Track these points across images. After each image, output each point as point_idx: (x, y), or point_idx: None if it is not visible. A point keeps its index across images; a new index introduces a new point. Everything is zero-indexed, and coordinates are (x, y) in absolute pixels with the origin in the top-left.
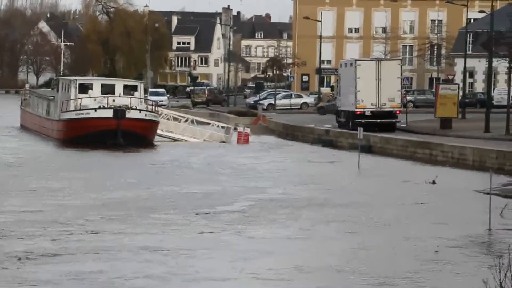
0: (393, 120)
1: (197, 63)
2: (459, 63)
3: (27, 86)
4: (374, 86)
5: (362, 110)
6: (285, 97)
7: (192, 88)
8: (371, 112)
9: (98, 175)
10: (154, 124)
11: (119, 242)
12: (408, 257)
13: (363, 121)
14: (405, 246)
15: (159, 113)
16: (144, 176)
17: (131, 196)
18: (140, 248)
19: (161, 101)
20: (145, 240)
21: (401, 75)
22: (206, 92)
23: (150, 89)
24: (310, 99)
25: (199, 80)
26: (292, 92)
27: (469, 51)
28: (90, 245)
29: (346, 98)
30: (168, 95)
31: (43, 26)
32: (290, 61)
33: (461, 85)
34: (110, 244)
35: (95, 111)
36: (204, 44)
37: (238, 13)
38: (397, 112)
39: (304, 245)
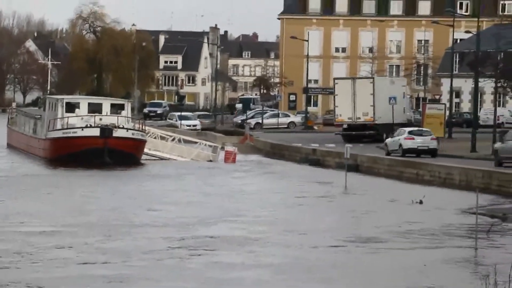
0: (366, 132)
1: (184, 82)
2: (445, 83)
3: (14, 104)
4: (350, 102)
5: (340, 123)
6: (272, 116)
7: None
8: (348, 125)
9: (77, 196)
10: (141, 142)
11: (82, 271)
12: (394, 275)
13: (341, 133)
14: (392, 264)
15: (146, 132)
16: (122, 197)
17: (100, 218)
18: (98, 278)
19: (195, 125)
20: (104, 269)
21: (373, 92)
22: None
23: (177, 114)
24: (297, 119)
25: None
26: (279, 111)
27: (455, 71)
28: (33, 276)
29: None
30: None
31: (30, 45)
32: (277, 80)
33: (447, 105)
34: (60, 275)
35: (82, 130)
36: (191, 63)
37: (226, 32)
38: (371, 125)
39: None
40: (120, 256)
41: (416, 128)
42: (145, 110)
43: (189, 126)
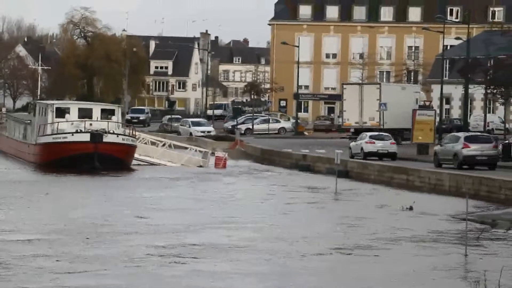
0: None
1: (175, 88)
2: (435, 89)
3: (3, 110)
4: (358, 107)
5: (347, 127)
6: (263, 121)
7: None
8: (355, 129)
9: (64, 203)
10: (131, 148)
11: (56, 281)
12: (385, 281)
13: (348, 136)
14: (381, 271)
15: (137, 137)
16: (109, 204)
17: (85, 226)
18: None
19: (209, 131)
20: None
21: (380, 98)
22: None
23: (191, 119)
24: (287, 124)
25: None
26: (270, 117)
27: (445, 77)
28: (3, 286)
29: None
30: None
31: (21, 50)
32: (268, 86)
33: (437, 111)
34: (33, 286)
35: (72, 135)
36: (182, 69)
37: (216, 38)
38: (377, 130)
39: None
40: (99, 265)
41: (376, 133)
42: (128, 117)
43: (203, 132)
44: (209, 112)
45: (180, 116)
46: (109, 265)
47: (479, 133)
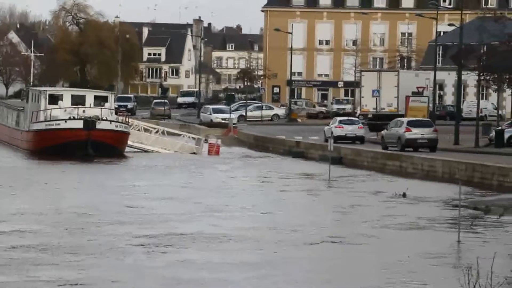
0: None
1: (168, 75)
2: (429, 76)
3: None
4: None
5: (365, 113)
6: (256, 108)
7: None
8: (372, 115)
9: (53, 192)
10: (124, 135)
11: (29, 273)
12: (377, 268)
13: (366, 122)
14: (374, 258)
15: (130, 124)
16: (99, 193)
17: (71, 216)
18: (46, 280)
19: (233, 119)
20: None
21: (398, 84)
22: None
23: (212, 106)
24: (281, 111)
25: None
26: (263, 104)
27: (438, 63)
28: None
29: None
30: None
31: (13, 36)
32: (261, 72)
33: (431, 97)
34: (4, 279)
35: (65, 122)
36: (175, 56)
37: (209, 24)
38: (394, 115)
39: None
40: (78, 256)
41: (346, 118)
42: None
43: (224, 120)
44: (180, 100)
45: (166, 101)
46: (87, 255)
47: (421, 119)
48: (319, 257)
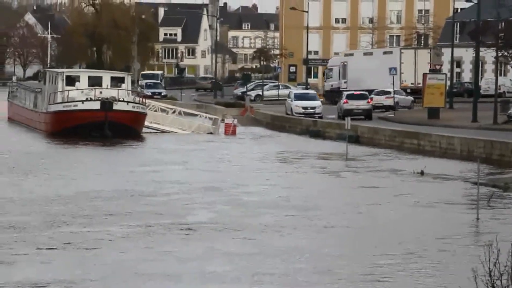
0: None
1: (184, 55)
2: (446, 53)
3: (14, 78)
4: (413, 69)
5: (404, 88)
6: (272, 88)
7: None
8: (411, 89)
9: (63, 177)
10: (141, 115)
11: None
12: (396, 247)
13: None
14: (392, 236)
15: (147, 104)
16: (110, 178)
17: (72, 207)
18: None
19: (314, 107)
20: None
21: (430, 61)
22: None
23: (295, 91)
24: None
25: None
26: (279, 83)
27: (456, 40)
28: None
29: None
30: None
31: (30, 18)
32: (277, 52)
33: (448, 75)
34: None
35: (83, 103)
36: (191, 36)
37: (225, 4)
38: None
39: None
40: (53, 250)
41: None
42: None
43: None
44: (141, 82)
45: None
46: (66, 249)
47: (358, 92)
48: (336, 243)
